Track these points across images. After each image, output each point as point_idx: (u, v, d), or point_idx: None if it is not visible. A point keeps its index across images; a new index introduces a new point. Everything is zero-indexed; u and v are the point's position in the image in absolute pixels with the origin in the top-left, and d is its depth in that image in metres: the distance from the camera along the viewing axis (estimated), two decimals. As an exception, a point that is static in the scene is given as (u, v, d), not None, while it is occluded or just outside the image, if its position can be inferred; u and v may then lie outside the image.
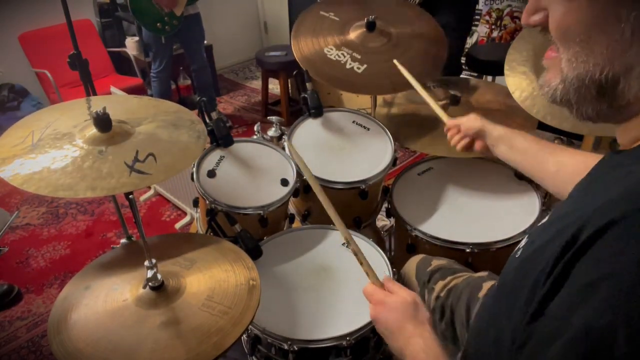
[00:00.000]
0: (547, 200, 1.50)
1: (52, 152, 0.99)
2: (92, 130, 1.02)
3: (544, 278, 0.47)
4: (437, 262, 1.20)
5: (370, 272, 0.87)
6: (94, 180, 0.93)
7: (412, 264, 1.25)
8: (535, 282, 0.48)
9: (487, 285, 1.05)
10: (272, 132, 1.75)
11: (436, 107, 1.30)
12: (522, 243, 0.60)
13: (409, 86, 1.41)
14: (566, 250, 0.46)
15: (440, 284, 1.13)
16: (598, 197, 0.48)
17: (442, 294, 1.11)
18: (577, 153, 0.97)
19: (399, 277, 1.26)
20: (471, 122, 1.17)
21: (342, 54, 1.62)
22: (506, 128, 1.12)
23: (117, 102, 1.27)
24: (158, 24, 3.02)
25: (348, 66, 1.59)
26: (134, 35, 3.74)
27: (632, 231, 0.42)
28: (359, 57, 1.62)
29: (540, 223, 0.59)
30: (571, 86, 0.52)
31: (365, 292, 0.85)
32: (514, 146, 1.08)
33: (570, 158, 0.96)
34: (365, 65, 1.60)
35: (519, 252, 0.58)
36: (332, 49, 1.62)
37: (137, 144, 1.02)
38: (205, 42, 3.49)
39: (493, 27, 3.16)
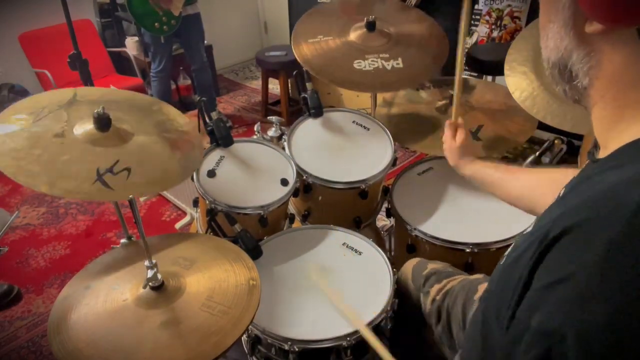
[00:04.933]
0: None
1: (43, 125, 0.99)
2: (90, 127, 1.02)
3: (520, 284, 0.49)
4: (432, 265, 1.21)
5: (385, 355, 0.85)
6: (58, 177, 0.93)
7: (408, 267, 1.25)
8: (513, 289, 0.49)
9: (482, 287, 1.05)
10: (272, 132, 1.75)
11: (456, 104, 1.36)
12: (508, 250, 0.61)
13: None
14: (534, 254, 0.47)
15: (436, 287, 1.13)
16: (568, 204, 0.50)
17: (437, 297, 1.12)
18: (533, 172, 1.05)
19: (397, 280, 1.26)
20: (450, 154, 1.28)
21: (372, 61, 1.60)
22: (474, 165, 1.20)
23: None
24: (156, 24, 3.02)
25: (388, 67, 1.59)
26: (134, 35, 3.74)
27: (586, 237, 0.43)
28: (387, 55, 1.61)
29: (526, 231, 0.60)
30: (547, 66, 0.59)
31: None
32: (483, 183, 1.16)
33: (527, 178, 1.04)
34: (400, 59, 1.60)
35: (503, 259, 0.59)
36: (360, 62, 1.59)
37: (122, 154, 1.01)
38: (205, 42, 3.49)
39: (493, 27, 3.16)
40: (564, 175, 0.94)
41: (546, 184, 0.96)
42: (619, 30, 0.48)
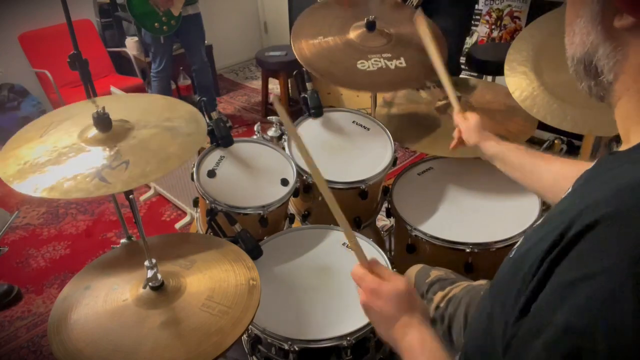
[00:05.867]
0: (547, 200, 1.50)
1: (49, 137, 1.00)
2: (93, 131, 1.02)
3: (531, 276, 0.48)
4: (435, 272, 1.20)
5: (358, 251, 0.82)
6: (58, 180, 0.92)
7: (411, 274, 1.25)
8: (524, 280, 0.49)
9: None
10: (272, 132, 1.76)
11: (452, 95, 1.33)
12: (518, 243, 0.60)
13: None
14: (553, 249, 0.46)
15: (440, 294, 1.13)
16: (588, 198, 0.49)
17: (441, 305, 1.11)
18: (571, 162, 1.00)
19: None
20: (469, 134, 1.21)
21: (375, 61, 1.59)
22: (500, 144, 1.15)
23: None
24: (156, 24, 3.02)
25: (392, 67, 1.58)
26: (134, 35, 3.74)
27: (614, 231, 0.42)
28: (389, 55, 1.60)
29: (536, 224, 0.59)
30: (571, 63, 0.59)
31: (355, 275, 0.80)
32: (509, 163, 1.11)
33: (565, 167, 0.99)
34: (402, 58, 1.60)
35: (512, 253, 0.59)
36: (364, 62, 1.58)
37: (121, 148, 1.01)
38: (205, 42, 3.49)
39: (493, 27, 3.16)
40: None
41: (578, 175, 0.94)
42: None
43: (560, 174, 0.98)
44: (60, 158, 0.98)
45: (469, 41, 3.20)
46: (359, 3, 1.80)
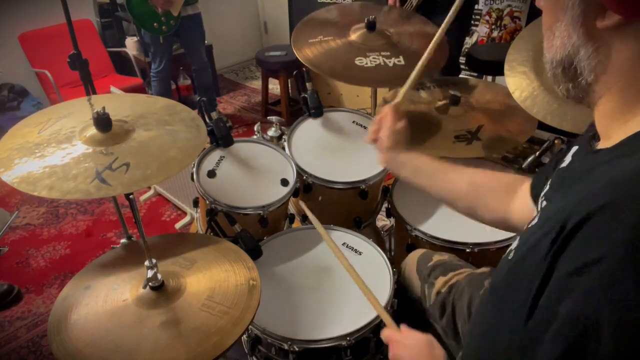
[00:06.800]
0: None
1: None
2: (92, 130, 1.02)
3: (538, 274, 0.48)
4: (438, 257, 1.21)
5: (386, 317, 0.96)
6: (57, 180, 0.92)
7: (413, 258, 1.25)
8: (530, 281, 0.49)
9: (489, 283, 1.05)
10: (272, 132, 1.76)
11: (405, 87, 1.27)
12: (514, 245, 0.61)
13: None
14: (554, 244, 0.47)
15: (441, 279, 1.13)
16: (581, 193, 0.50)
17: (443, 290, 1.11)
18: (485, 171, 1.00)
19: (399, 272, 1.26)
20: (389, 138, 1.12)
21: (374, 58, 1.59)
22: (413, 152, 1.08)
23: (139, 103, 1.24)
24: (155, 24, 3.02)
25: (390, 64, 1.58)
26: (134, 35, 3.74)
27: (613, 218, 0.43)
28: (388, 53, 1.61)
29: (530, 224, 0.60)
30: (550, 67, 0.60)
31: (384, 335, 0.90)
32: (420, 169, 1.04)
33: (477, 175, 0.99)
34: (401, 57, 1.60)
35: (511, 254, 0.59)
36: (362, 59, 1.59)
37: (121, 150, 1.00)
38: (205, 42, 3.49)
39: (493, 27, 3.16)
40: (515, 181, 0.92)
41: (497, 186, 0.95)
42: (632, 24, 0.50)
43: (474, 181, 0.98)
44: (57, 155, 0.98)
45: (469, 41, 3.20)
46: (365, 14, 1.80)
